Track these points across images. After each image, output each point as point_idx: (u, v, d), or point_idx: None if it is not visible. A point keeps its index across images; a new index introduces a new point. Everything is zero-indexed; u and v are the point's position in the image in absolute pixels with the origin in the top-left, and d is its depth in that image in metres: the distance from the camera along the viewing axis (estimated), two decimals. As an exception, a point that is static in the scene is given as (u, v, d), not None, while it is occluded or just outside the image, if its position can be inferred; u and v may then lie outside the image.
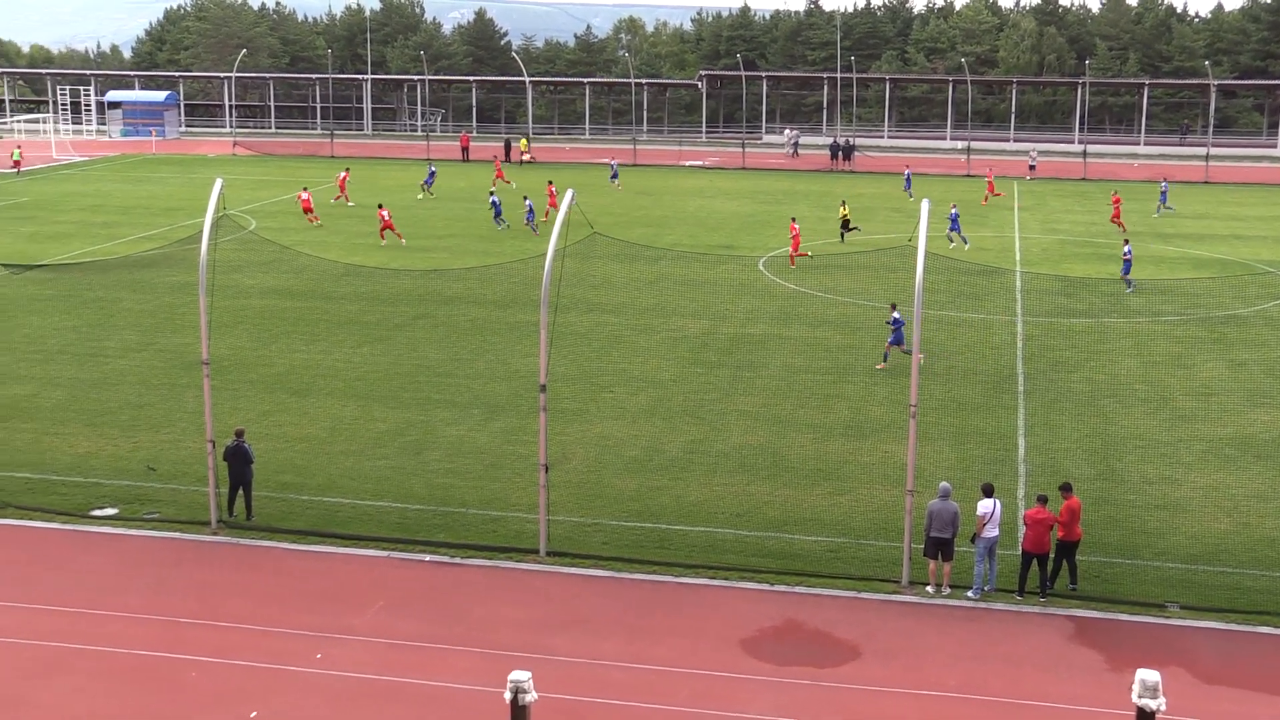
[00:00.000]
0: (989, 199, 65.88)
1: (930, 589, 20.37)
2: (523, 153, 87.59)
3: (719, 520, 23.06)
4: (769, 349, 34.92)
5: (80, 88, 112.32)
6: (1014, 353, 34.57)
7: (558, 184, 58.59)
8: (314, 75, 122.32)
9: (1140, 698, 11.26)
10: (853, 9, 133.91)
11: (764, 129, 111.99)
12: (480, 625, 19.04)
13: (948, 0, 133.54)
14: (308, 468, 25.51)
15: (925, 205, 21.63)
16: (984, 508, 20.27)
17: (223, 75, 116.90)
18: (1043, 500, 20.38)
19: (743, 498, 24.08)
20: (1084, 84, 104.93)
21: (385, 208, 52.91)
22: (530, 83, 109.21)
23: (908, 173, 71.66)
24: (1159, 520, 23.19)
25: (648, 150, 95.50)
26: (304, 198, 57.14)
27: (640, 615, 19.48)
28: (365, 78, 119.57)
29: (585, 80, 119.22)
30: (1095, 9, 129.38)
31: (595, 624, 19.18)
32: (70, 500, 23.72)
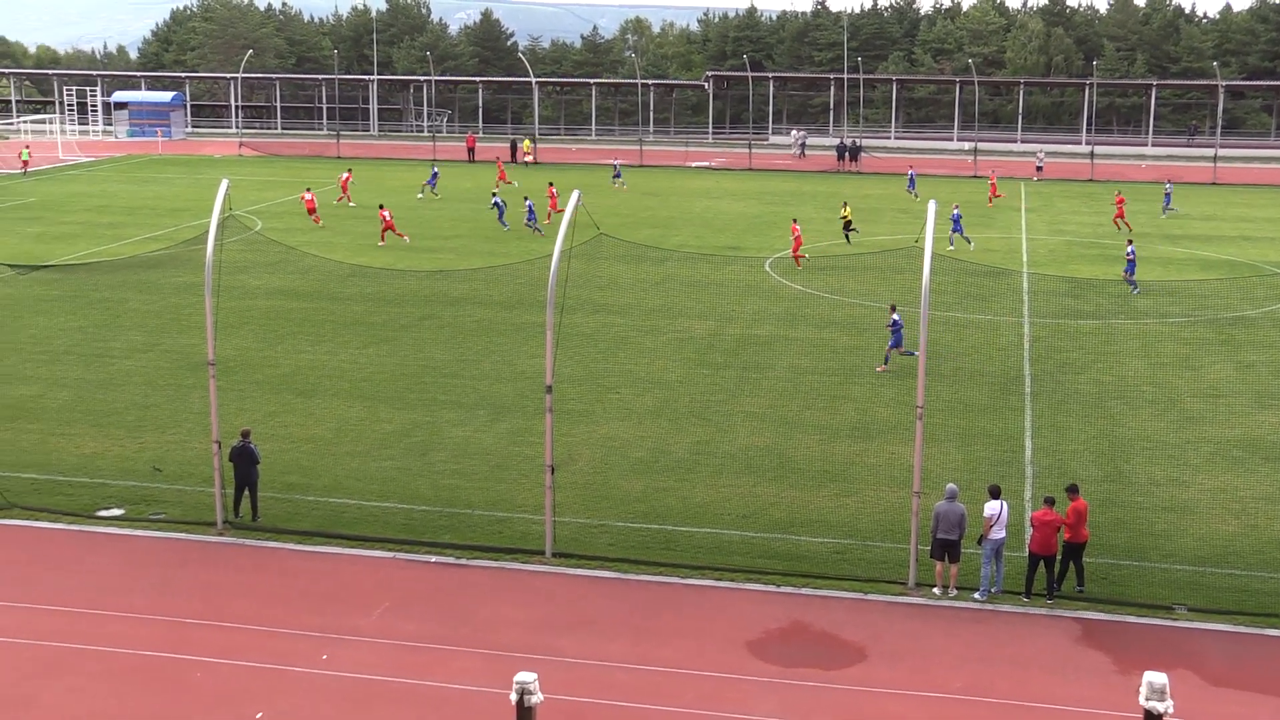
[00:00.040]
0: (993, 201, 65.80)
1: (937, 591, 20.30)
2: (525, 154, 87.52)
3: (725, 521, 23.03)
4: (775, 350, 34.87)
5: (86, 88, 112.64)
6: (1021, 354, 34.50)
7: (563, 185, 58.59)
8: (320, 76, 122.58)
9: (1148, 700, 11.22)
10: (859, 10, 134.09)
11: (770, 130, 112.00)
12: (486, 626, 19.00)
13: (955, 1, 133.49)
14: (313, 468, 25.50)
15: (932, 206, 21.59)
16: (991, 509, 20.22)
17: (229, 76, 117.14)
18: (1050, 502, 20.31)
19: (749, 499, 24.03)
20: (1091, 85, 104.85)
21: (386, 208, 52.96)
22: (536, 83, 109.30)
23: (911, 173, 71.72)
24: (1167, 522, 23.12)
25: (654, 151, 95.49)
26: (307, 198, 57.21)
27: (646, 616, 19.44)
28: (371, 78, 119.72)
29: (591, 81, 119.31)
30: (1103, 10, 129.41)
31: (601, 625, 19.14)
32: (76, 501, 23.72)
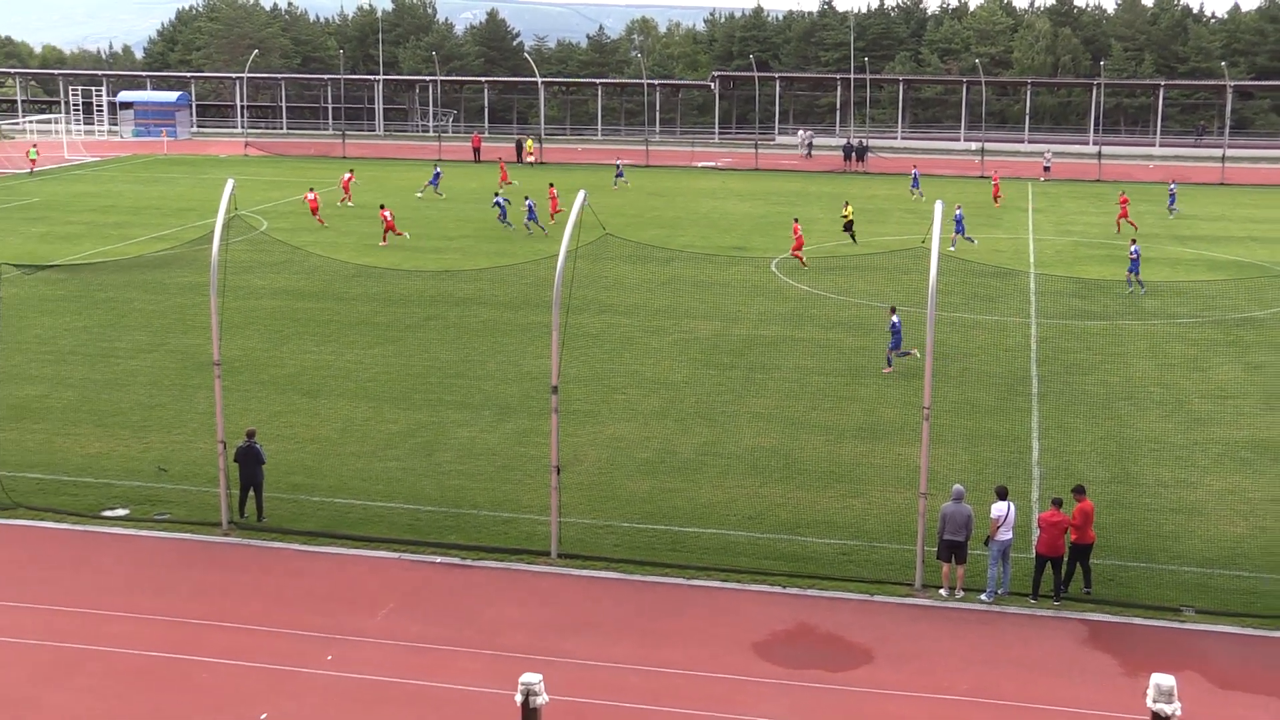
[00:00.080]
0: (999, 202, 65.59)
1: (943, 592, 20.25)
2: (529, 154, 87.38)
3: (731, 522, 22.97)
4: (781, 351, 34.80)
5: (92, 88, 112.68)
6: (1028, 355, 34.42)
7: (569, 185, 58.56)
8: (326, 76, 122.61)
9: (1155, 702, 11.19)
10: (866, 10, 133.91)
11: (777, 130, 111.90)
12: (491, 627, 18.96)
13: (962, 1, 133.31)
14: (319, 469, 25.48)
15: (938, 206, 21.54)
16: (998, 510, 20.16)
17: (234, 76, 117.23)
18: (1057, 503, 20.24)
19: (755, 500, 23.98)
20: (1099, 85, 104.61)
21: (387, 208, 52.95)
22: (542, 83, 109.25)
23: (915, 172, 71.49)
24: (1174, 524, 23.03)
25: (660, 151, 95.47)
26: (310, 198, 57.26)
27: (652, 618, 19.39)
28: (377, 78, 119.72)
29: (597, 81, 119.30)
30: (1110, 10, 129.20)
31: (607, 626, 19.09)
32: (81, 501, 23.71)
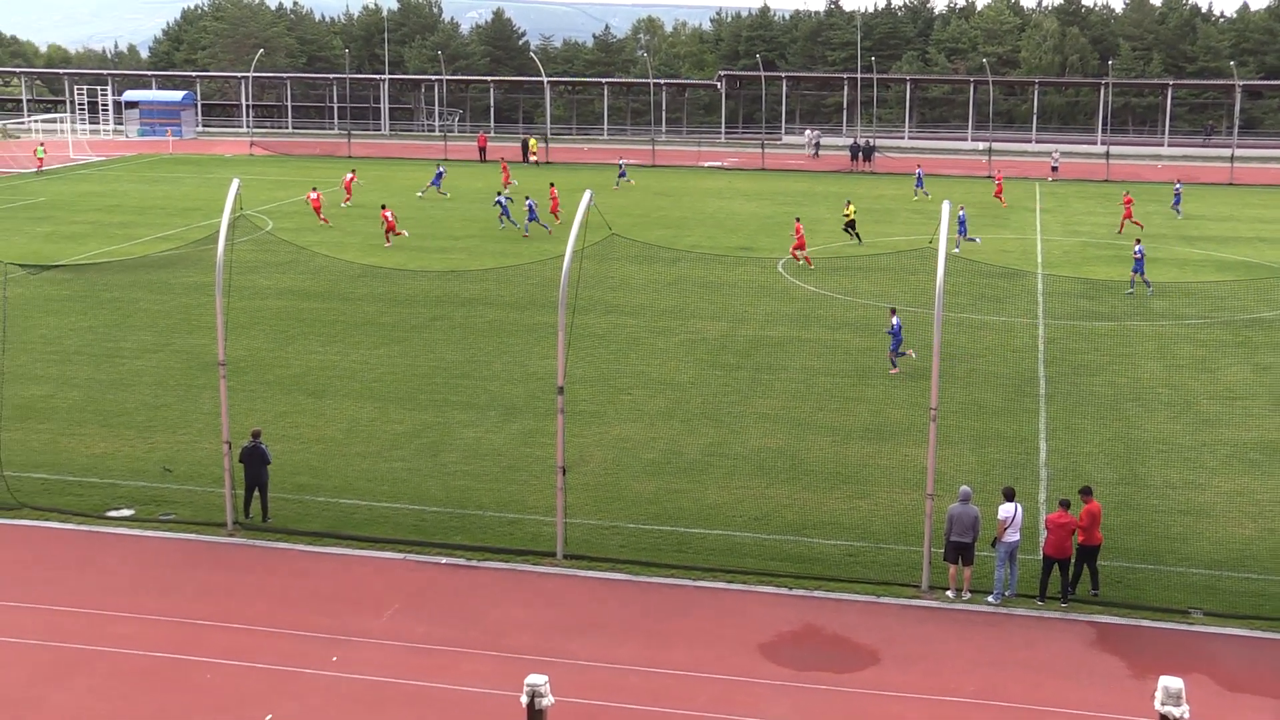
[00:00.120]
0: (1006, 202, 65.33)
1: (950, 594, 20.18)
2: (531, 153, 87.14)
3: (737, 523, 22.91)
4: (788, 351, 34.73)
5: (97, 87, 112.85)
6: (1035, 356, 34.31)
7: (575, 185, 58.37)
8: (331, 75, 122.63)
9: (1163, 705, 11.14)
10: (873, 9, 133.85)
11: (783, 130, 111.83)
12: (496, 628, 18.92)
13: (969, 0, 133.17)
14: (324, 469, 25.44)
15: (946, 206, 21.56)
16: (1005, 512, 20.08)
17: (240, 75, 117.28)
18: (1064, 504, 20.17)
19: (761, 501, 23.91)
20: (1107, 85, 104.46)
21: (388, 208, 52.92)
22: (548, 83, 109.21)
23: (919, 172, 71.13)
24: (1182, 525, 22.94)
25: (666, 151, 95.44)
26: (313, 197, 57.26)
27: (658, 619, 19.34)
28: (383, 78, 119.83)
29: (603, 80, 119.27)
30: (1118, 9, 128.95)
31: (612, 628, 19.04)
32: (86, 501, 23.69)
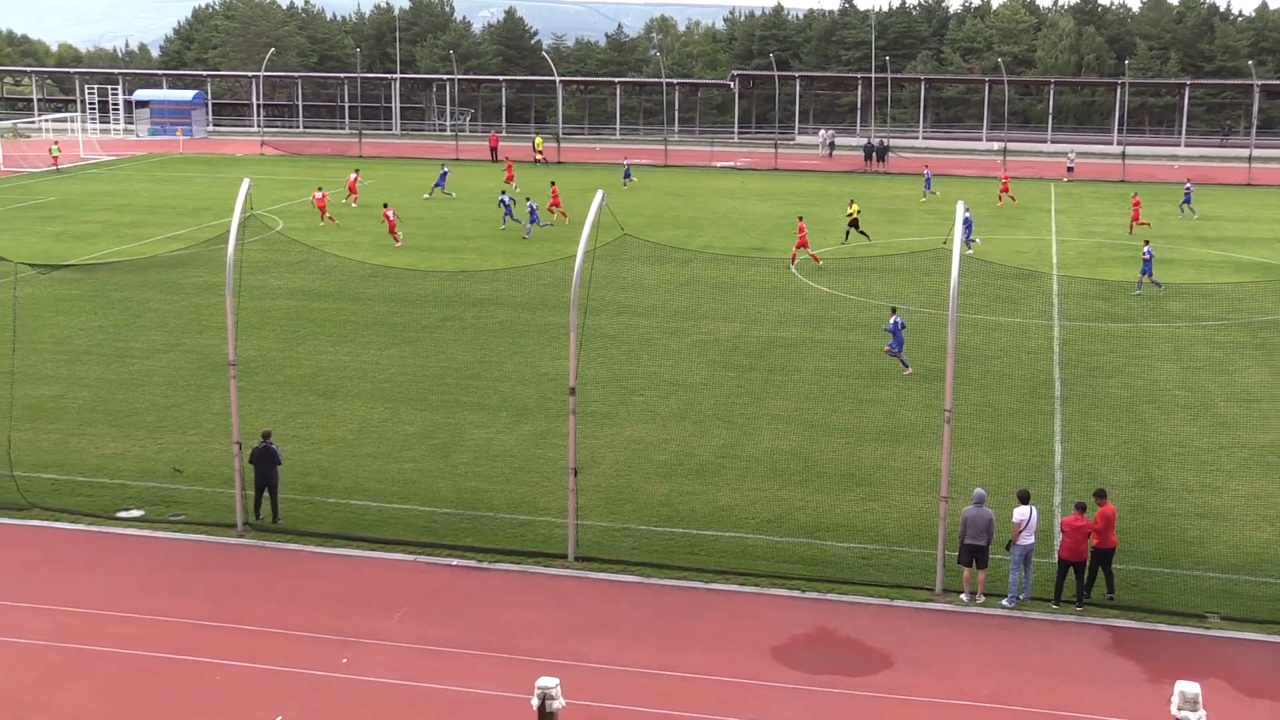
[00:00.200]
0: (1002, 200, 64.83)
1: (964, 597, 20.05)
2: (537, 152, 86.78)
3: (750, 526, 22.79)
4: (801, 352, 34.59)
5: (108, 87, 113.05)
6: (1051, 357, 34.12)
7: (587, 185, 58.42)
8: (342, 74, 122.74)
9: (1180, 710, 11.05)
10: (887, 8, 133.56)
11: (797, 130, 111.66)
12: (507, 630, 18.82)
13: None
14: (334, 470, 25.38)
15: (960, 206, 21.46)
16: (1020, 515, 19.95)
17: (251, 74, 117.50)
18: (1080, 507, 20.02)
19: (774, 503, 23.79)
20: (1123, 84, 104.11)
21: (390, 207, 52.87)
22: (560, 82, 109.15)
23: (927, 173, 70.99)
24: (1199, 529, 22.76)
25: (679, 151, 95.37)
26: (318, 197, 57.27)
27: (670, 621, 19.23)
28: (394, 77, 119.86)
29: (616, 80, 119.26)
30: (1135, 8, 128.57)
31: (624, 630, 18.93)
32: (96, 502, 23.65)
